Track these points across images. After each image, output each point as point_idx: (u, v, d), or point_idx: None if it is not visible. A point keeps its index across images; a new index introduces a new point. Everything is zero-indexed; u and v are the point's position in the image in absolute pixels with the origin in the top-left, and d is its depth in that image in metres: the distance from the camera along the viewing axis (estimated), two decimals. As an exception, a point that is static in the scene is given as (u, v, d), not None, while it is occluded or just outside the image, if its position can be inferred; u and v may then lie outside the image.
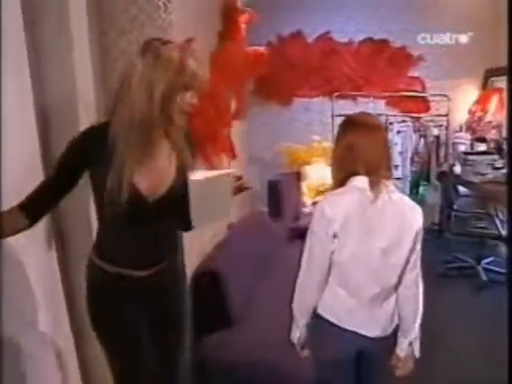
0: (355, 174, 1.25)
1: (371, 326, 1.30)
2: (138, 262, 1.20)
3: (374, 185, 1.22)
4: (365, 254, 1.25)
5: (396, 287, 1.31)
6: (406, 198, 1.32)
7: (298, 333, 1.37)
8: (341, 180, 1.28)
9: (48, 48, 1.44)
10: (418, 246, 1.30)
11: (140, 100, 1.05)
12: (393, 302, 1.32)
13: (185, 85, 1.07)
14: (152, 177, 1.15)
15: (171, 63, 1.04)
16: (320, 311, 1.33)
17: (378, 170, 1.23)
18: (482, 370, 2.26)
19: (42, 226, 1.33)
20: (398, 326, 1.35)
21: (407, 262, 1.29)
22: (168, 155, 1.19)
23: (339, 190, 1.28)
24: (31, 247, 1.28)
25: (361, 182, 1.23)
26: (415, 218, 1.29)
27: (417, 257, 1.31)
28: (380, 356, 1.36)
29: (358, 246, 1.24)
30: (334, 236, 1.24)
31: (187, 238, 1.89)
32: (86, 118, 1.52)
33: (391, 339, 1.35)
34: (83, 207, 1.51)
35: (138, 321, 1.24)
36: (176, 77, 1.04)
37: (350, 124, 1.31)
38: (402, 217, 1.26)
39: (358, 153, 1.24)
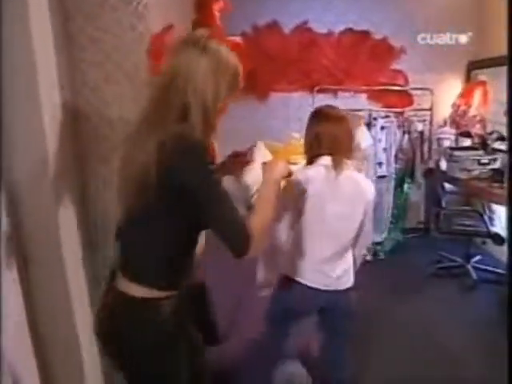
0: (322, 154, 1.61)
1: (332, 281, 1.65)
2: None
3: (337, 163, 1.59)
4: (328, 218, 1.60)
5: (348, 248, 1.69)
6: (362, 176, 1.71)
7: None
8: (310, 160, 1.66)
9: (3, 38, 1.31)
10: (368, 216, 1.68)
11: (210, 104, 1.08)
12: (347, 260, 1.70)
13: (235, 88, 1.16)
14: None
15: (229, 67, 1.13)
16: (288, 273, 1.68)
17: (339, 153, 1.60)
18: (478, 372, 2.32)
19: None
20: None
21: (360, 228, 1.67)
22: None
23: (309, 166, 1.66)
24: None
25: (325, 160, 1.60)
26: (368, 191, 1.67)
27: (366, 224, 1.69)
28: (343, 308, 1.71)
29: (323, 212, 1.60)
30: (301, 199, 1.58)
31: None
32: (53, 122, 1.42)
33: (351, 292, 1.70)
34: (52, 230, 1.41)
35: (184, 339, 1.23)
36: (232, 80, 1.14)
37: (318, 116, 1.67)
38: (358, 190, 1.63)
39: (323, 140, 1.61)
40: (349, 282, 1.70)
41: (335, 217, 1.60)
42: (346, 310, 1.73)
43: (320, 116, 1.66)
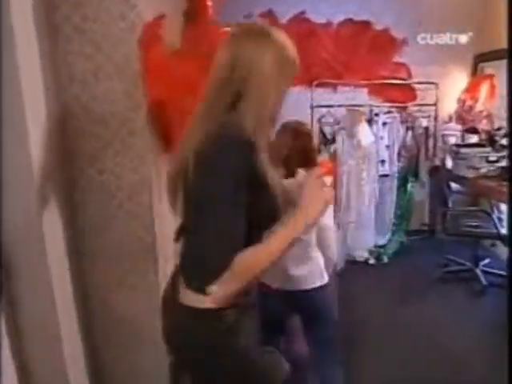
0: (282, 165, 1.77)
1: (295, 282, 1.80)
2: None
3: (287, 173, 1.75)
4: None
5: (310, 248, 1.83)
6: None
7: None
8: None
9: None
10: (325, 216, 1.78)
11: (269, 97, 1.05)
12: (312, 260, 1.82)
13: (292, 79, 1.14)
14: None
15: (290, 58, 1.11)
16: None
17: (292, 164, 1.78)
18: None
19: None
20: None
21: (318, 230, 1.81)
22: None
23: None
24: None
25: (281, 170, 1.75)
26: None
27: (326, 223, 1.83)
28: (316, 307, 1.84)
29: None
30: None
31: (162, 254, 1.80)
32: (37, 120, 1.36)
33: (322, 291, 1.83)
34: (36, 237, 1.37)
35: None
36: (291, 72, 1.12)
37: (284, 130, 1.84)
38: None
39: (288, 153, 1.79)
40: (318, 281, 1.83)
41: None
42: (321, 309, 1.86)
43: (285, 131, 1.84)
